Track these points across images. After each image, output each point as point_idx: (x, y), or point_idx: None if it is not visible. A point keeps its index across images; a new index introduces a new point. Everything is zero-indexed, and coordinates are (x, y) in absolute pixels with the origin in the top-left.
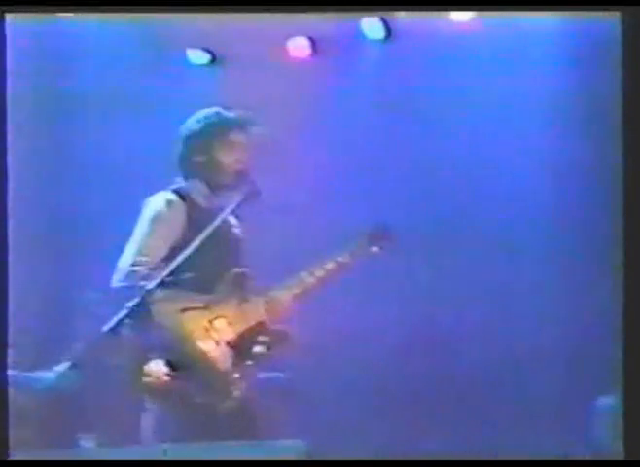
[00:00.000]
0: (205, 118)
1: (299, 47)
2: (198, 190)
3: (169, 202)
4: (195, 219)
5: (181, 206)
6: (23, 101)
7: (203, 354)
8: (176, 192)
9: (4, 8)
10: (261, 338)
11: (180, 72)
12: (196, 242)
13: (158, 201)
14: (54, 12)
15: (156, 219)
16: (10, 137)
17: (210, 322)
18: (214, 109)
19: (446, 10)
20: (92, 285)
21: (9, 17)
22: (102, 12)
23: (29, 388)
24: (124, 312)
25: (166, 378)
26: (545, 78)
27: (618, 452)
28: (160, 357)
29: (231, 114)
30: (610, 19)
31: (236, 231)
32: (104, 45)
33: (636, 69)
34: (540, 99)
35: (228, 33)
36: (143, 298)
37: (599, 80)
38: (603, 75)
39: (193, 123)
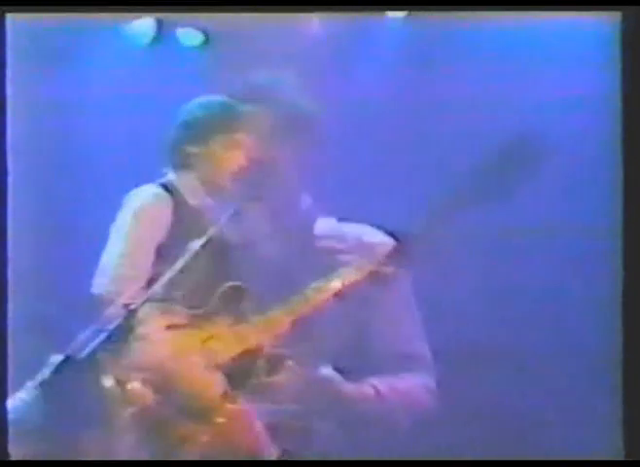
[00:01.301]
0: (210, 106)
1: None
2: (189, 185)
3: (155, 197)
4: (183, 217)
5: (168, 202)
6: (23, 101)
7: (191, 379)
8: (163, 186)
9: (4, 8)
10: (258, 363)
11: (170, 54)
12: (188, 256)
13: (142, 196)
14: (55, 12)
15: (140, 216)
16: (9, 137)
17: (200, 342)
18: (222, 98)
19: (444, 10)
20: (67, 292)
21: (9, 17)
22: (103, 12)
23: None
24: (104, 335)
25: (147, 405)
26: (544, 78)
27: (618, 452)
28: (140, 381)
29: (241, 108)
30: (610, 19)
31: (232, 238)
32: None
33: (636, 69)
34: (539, 99)
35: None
36: (127, 317)
37: (599, 80)
38: (603, 75)
39: (194, 108)
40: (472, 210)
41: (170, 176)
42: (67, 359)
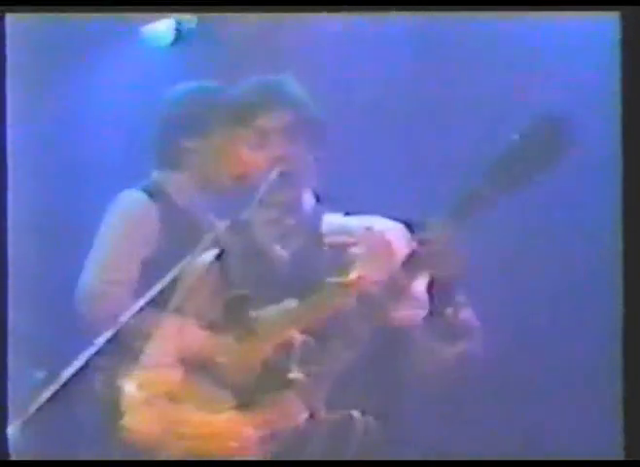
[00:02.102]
0: (210, 96)
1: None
2: (180, 185)
3: (136, 204)
4: (172, 221)
5: (151, 208)
6: (23, 102)
7: (191, 398)
8: (146, 190)
9: (4, 8)
10: (268, 382)
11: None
12: (182, 264)
13: (122, 205)
14: (55, 12)
15: (119, 226)
16: (9, 137)
17: (204, 357)
18: (222, 88)
19: (442, 11)
20: (47, 314)
21: (9, 17)
22: (104, 12)
23: None
24: (95, 350)
25: (145, 423)
26: (544, 78)
27: (618, 452)
28: (138, 398)
29: (246, 103)
30: (610, 19)
31: (234, 242)
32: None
33: (636, 69)
34: (538, 100)
35: None
36: (116, 333)
37: (597, 80)
38: (602, 75)
39: (192, 97)
40: (482, 207)
41: (156, 176)
42: (58, 378)
